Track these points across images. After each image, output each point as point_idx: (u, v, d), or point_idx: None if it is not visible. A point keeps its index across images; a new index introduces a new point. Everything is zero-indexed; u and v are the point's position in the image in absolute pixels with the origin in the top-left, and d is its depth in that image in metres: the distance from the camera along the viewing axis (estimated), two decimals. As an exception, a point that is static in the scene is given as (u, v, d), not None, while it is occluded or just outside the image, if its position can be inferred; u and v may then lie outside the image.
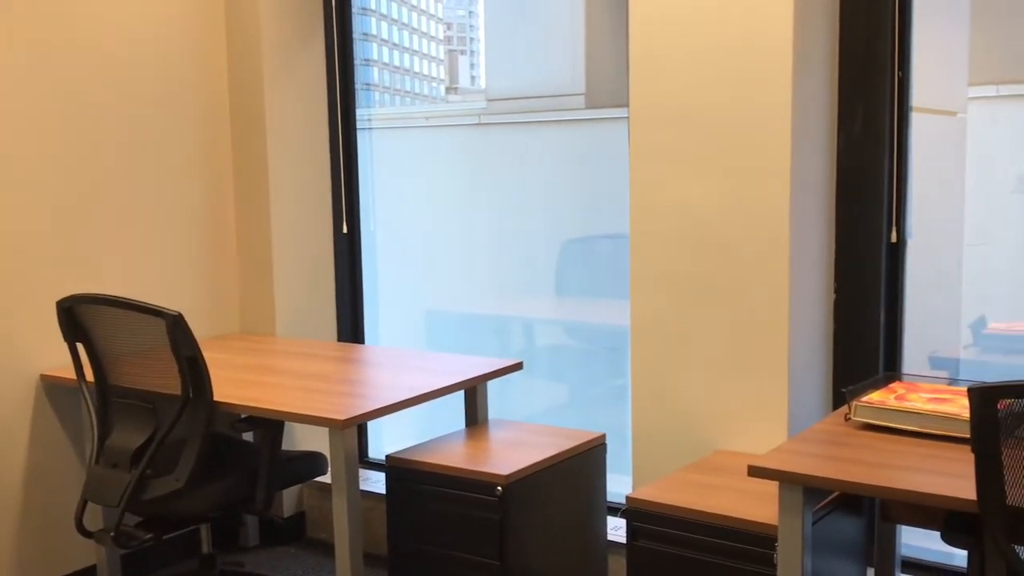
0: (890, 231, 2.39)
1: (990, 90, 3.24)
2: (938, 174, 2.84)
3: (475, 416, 2.75)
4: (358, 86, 3.63)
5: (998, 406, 1.52)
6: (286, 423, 2.48)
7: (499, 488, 2.31)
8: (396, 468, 2.48)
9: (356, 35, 3.64)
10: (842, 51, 2.39)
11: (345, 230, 3.49)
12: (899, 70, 2.34)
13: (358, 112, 3.57)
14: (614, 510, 2.71)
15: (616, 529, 2.69)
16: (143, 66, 3.05)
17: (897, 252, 2.41)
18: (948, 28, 2.85)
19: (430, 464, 2.42)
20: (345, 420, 2.25)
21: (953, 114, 2.88)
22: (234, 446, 2.71)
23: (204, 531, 3.04)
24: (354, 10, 3.52)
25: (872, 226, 2.40)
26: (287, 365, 2.81)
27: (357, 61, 3.69)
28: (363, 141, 3.63)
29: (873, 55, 2.35)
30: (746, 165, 2.34)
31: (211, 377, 2.32)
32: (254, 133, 3.28)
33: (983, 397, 1.51)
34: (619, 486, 2.78)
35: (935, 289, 2.83)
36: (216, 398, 2.37)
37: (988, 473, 1.54)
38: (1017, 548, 1.55)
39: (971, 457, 1.55)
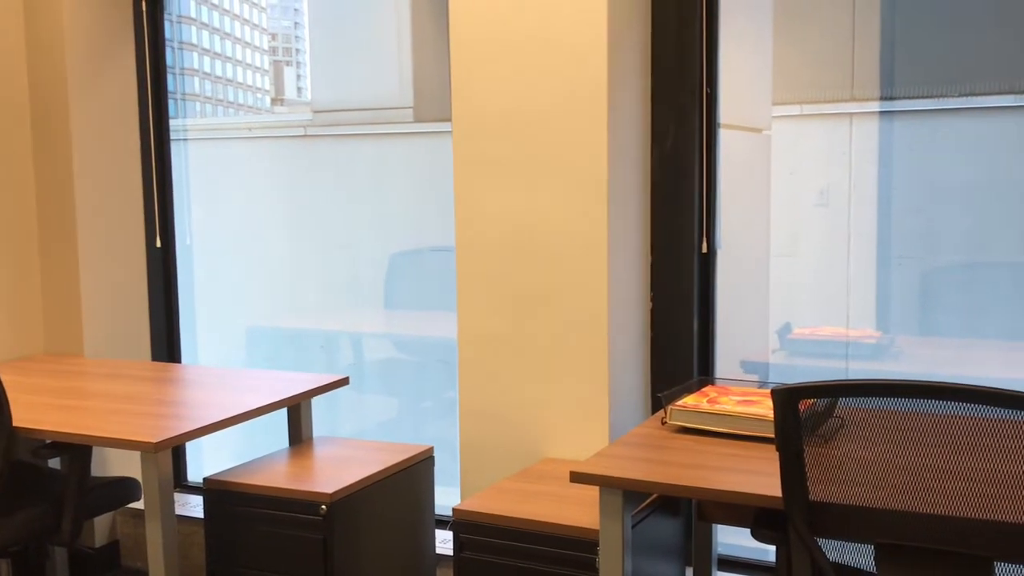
0: (701, 242, 2.49)
1: (796, 109, 3.45)
2: (746, 188, 2.99)
3: (299, 434, 2.68)
4: (178, 96, 3.49)
5: (799, 406, 1.60)
6: (95, 448, 2.34)
7: (323, 507, 2.25)
8: (214, 491, 2.38)
9: (176, 44, 3.50)
10: (654, 70, 2.48)
11: (159, 244, 3.34)
12: (707, 88, 2.45)
13: (175, 122, 3.43)
14: (445, 523, 2.70)
15: (445, 542, 2.68)
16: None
17: (708, 262, 2.52)
18: (753, 51, 3.01)
19: (251, 485, 2.34)
20: (158, 443, 2.14)
21: (759, 131, 3.05)
22: (37, 474, 2.54)
23: (5, 566, 2.83)
24: (173, 19, 3.39)
25: (684, 236, 2.50)
26: (96, 387, 2.66)
27: (176, 71, 3.55)
28: (179, 152, 3.49)
29: (683, 74, 2.45)
30: (565, 177, 2.39)
31: (10, 401, 2.17)
32: (58, 144, 3.09)
33: (784, 398, 1.59)
34: (451, 499, 2.77)
35: (745, 297, 2.98)
36: (16, 423, 2.21)
37: (791, 470, 1.61)
38: (820, 541, 1.64)
39: (777, 456, 1.63)
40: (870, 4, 3.25)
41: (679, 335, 2.53)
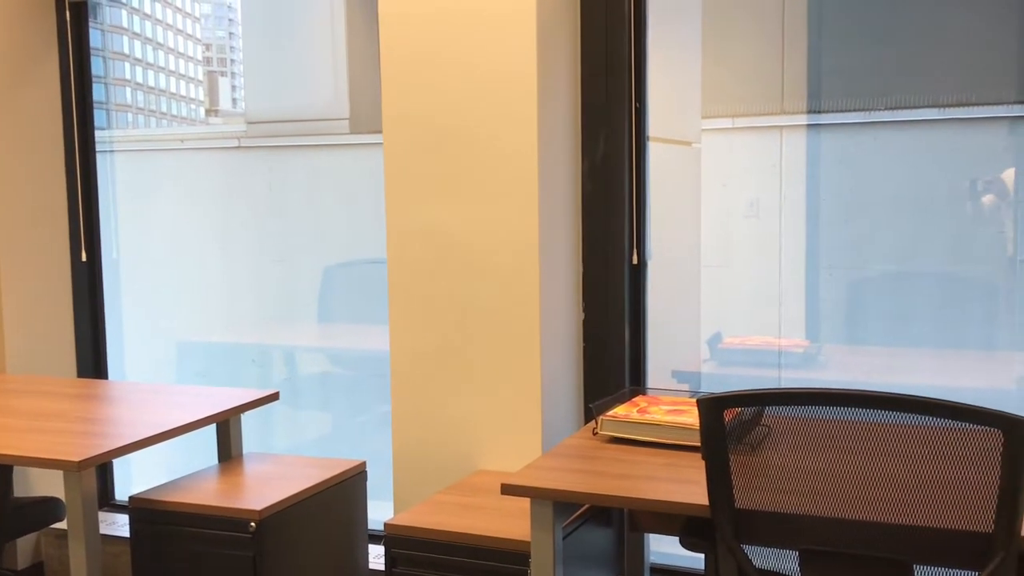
0: (632, 253, 2.51)
1: (727, 122, 3.50)
2: (676, 200, 3.02)
3: (228, 450, 2.64)
4: (109, 107, 3.43)
5: (724, 415, 1.61)
6: (16, 467, 2.27)
7: (253, 524, 2.22)
8: (140, 509, 2.33)
9: (106, 54, 3.44)
10: (583, 84, 2.50)
11: (84, 258, 3.27)
12: (636, 102, 2.47)
13: (104, 134, 3.37)
14: (379, 538, 2.67)
15: (378, 557, 2.65)
16: None
17: (639, 273, 2.54)
18: (682, 66, 3.05)
19: (177, 503, 2.29)
20: (81, 461, 2.09)
21: (689, 144, 3.08)
22: (-46, 497, 2.45)
23: (-79, 594, 2.73)
24: (104, 28, 3.33)
25: (615, 248, 2.52)
26: (17, 404, 2.58)
27: (108, 81, 3.48)
28: (107, 164, 3.42)
29: (611, 88, 2.48)
30: (497, 190, 2.40)
31: (-78, 421, 2.10)
32: (-22, 154, 3.01)
33: (709, 407, 1.60)
34: (388, 513, 2.75)
35: (676, 307, 3.01)
36: (-71, 444, 2.14)
37: (717, 478, 1.63)
38: (746, 548, 1.65)
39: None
40: (798, 18, 3.31)
41: (611, 346, 2.54)
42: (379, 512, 2.73)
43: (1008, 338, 3.04)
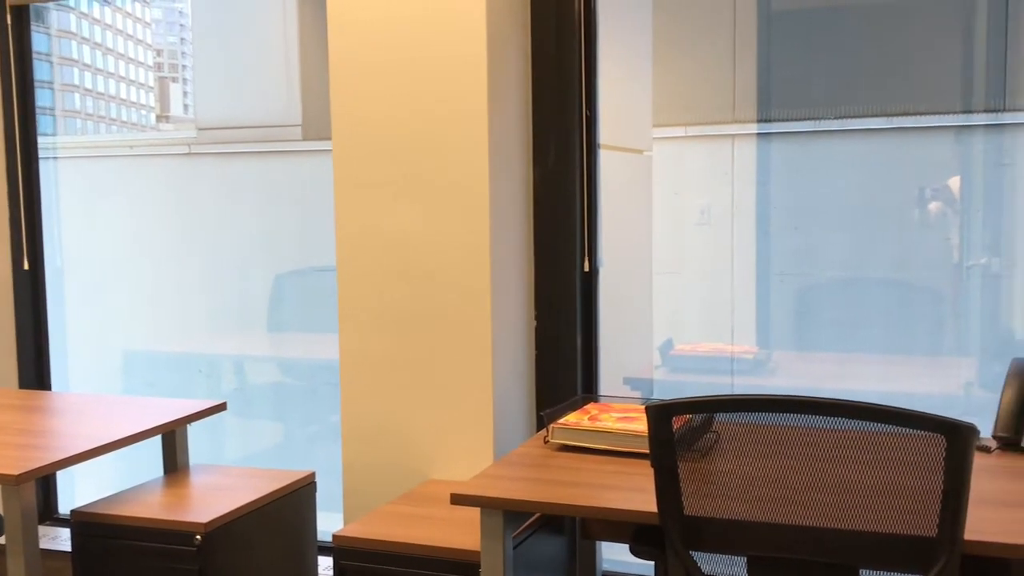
0: (583, 260, 2.51)
1: (680, 131, 3.53)
2: (628, 207, 3.03)
3: (174, 462, 2.59)
4: (57, 113, 3.36)
5: (673, 422, 1.61)
6: (-48, 482, 2.20)
7: (198, 537, 2.17)
8: (83, 523, 2.28)
9: (54, 59, 3.37)
10: (535, 92, 2.50)
11: (27, 266, 3.20)
12: (587, 111, 2.47)
13: (49, 140, 3.30)
14: (329, 550, 2.63)
15: (327, 569, 2.61)
16: None
17: (591, 280, 2.53)
18: (633, 75, 3.07)
19: (121, 516, 2.24)
20: (19, 475, 2.03)
21: (640, 152, 3.10)
22: None
23: None
24: (52, 33, 3.26)
25: (566, 255, 2.51)
26: (-45, 417, 2.51)
27: (56, 86, 3.42)
28: (51, 171, 3.36)
29: (562, 97, 2.48)
30: (447, 197, 2.38)
31: None
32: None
33: (657, 414, 1.60)
34: (339, 525, 2.72)
35: (629, 314, 3.01)
36: None
37: (666, 486, 1.62)
38: (696, 554, 1.65)
39: (654, 472, 1.64)
40: (748, 28, 3.34)
41: (563, 353, 2.54)
42: (330, 523, 2.69)
43: (954, 344, 3.09)
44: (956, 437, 1.43)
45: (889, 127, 3.23)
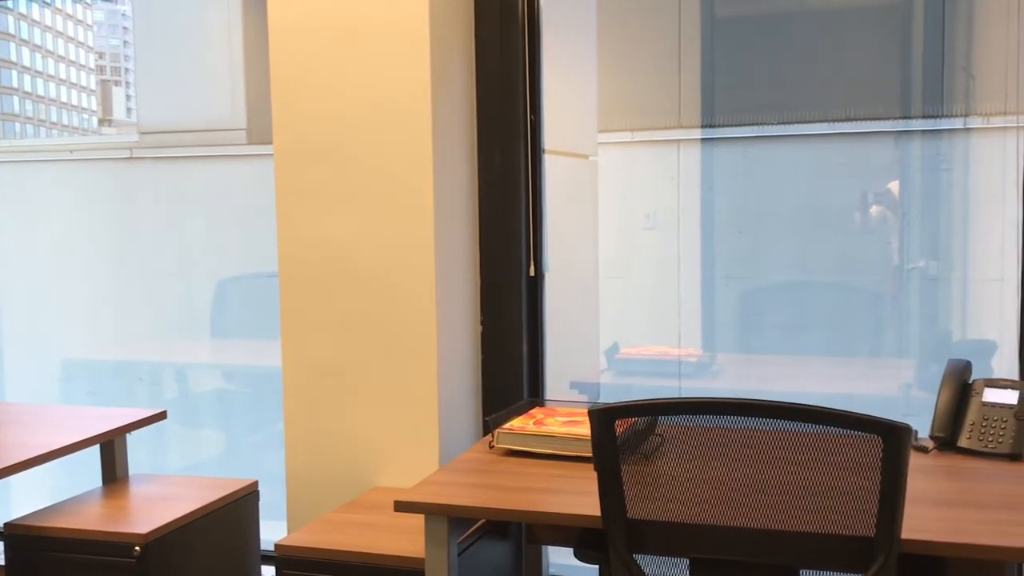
0: (529, 265, 2.51)
1: (627, 135, 3.54)
2: (574, 212, 3.04)
3: (113, 472, 2.54)
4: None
5: (616, 425, 1.61)
6: None
7: (137, 548, 2.13)
8: (16, 536, 2.22)
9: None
10: (479, 96, 2.49)
11: (-40, 273, 3.12)
12: (531, 115, 2.47)
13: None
14: (273, 559, 2.60)
15: (272, 579, 2.58)
16: None
17: (536, 284, 2.53)
18: (578, 81, 3.07)
19: (57, 528, 2.19)
20: (-51, 487, 1.98)
21: (585, 157, 3.11)
22: None
23: None
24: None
25: (512, 260, 2.51)
26: None
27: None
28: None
29: (506, 102, 2.47)
30: (391, 202, 2.37)
31: None
32: None
33: (600, 418, 1.60)
34: (281, 534, 2.68)
35: (576, 318, 3.02)
36: None
37: (609, 489, 1.62)
38: (639, 557, 1.65)
39: (599, 475, 1.64)
40: (693, 34, 3.37)
41: (509, 358, 2.53)
42: (274, 533, 2.65)
43: (895, 345, 3.14)
44: (892, 437, 1.45)
45: (831, 132, 3.28)
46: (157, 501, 2.35)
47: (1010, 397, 1.96)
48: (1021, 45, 2.12)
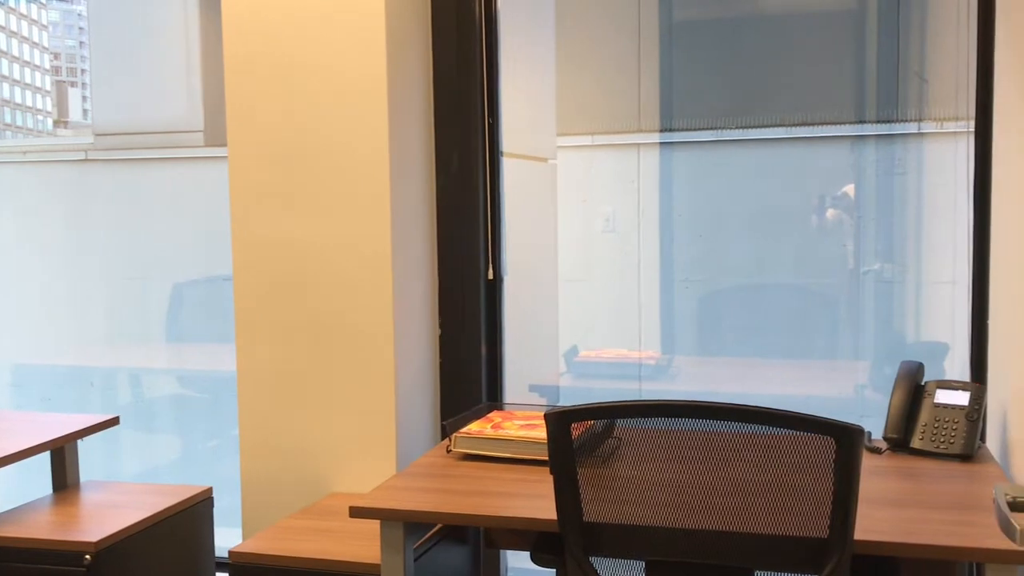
0: (487, 268, 2.50)
1: (587, 139, 3.55)
2: (533, 215, 3.04)
3: (64, 479, 2.49)
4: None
5: (572, 428, 1.61)
6: None
7: (88, 557, 2.09)
8: (-37, 546, 2.16)
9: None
10: (436, 98, 2.48)
11: (-94, 277, 3.05)
12: (489, 118, 2.47)
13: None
14: (228, 566, 2.57)
15: (227, 586, 2.54)
16: None
17: (495, 288, 2.53)
18: (537, 85, 3.08)
19: (5, 538, 2.14)
20: None
21: (544, 160, 3.11)
22: None
23: None
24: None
25: (471, 263, 2.50)
26: None
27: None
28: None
29: (464, 105, 2.47)
30: (348, 204, 2.35)
31: None
32: None
33: (556, 421, 1.60)
34: (237, 540, 2.65)
35: (535, 322, 3.02)
36: None
37: (565, 492, 1.62)
38: (595, 560, 1.65)
39: (556, 479, 1.63)
40: (652, 38, 3.39)
41: (467, 362, 2.52)
42: (231, 540, 2.62)
43: (850, 347, 3.18)
44: (845, 439, 1.46)
45: (788, 137, 3.31)
46: (108, 508, 2.31)
47: (961, 398, 1.99)
48: (972, 51, 2.15)
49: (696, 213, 3.42)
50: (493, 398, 2.55)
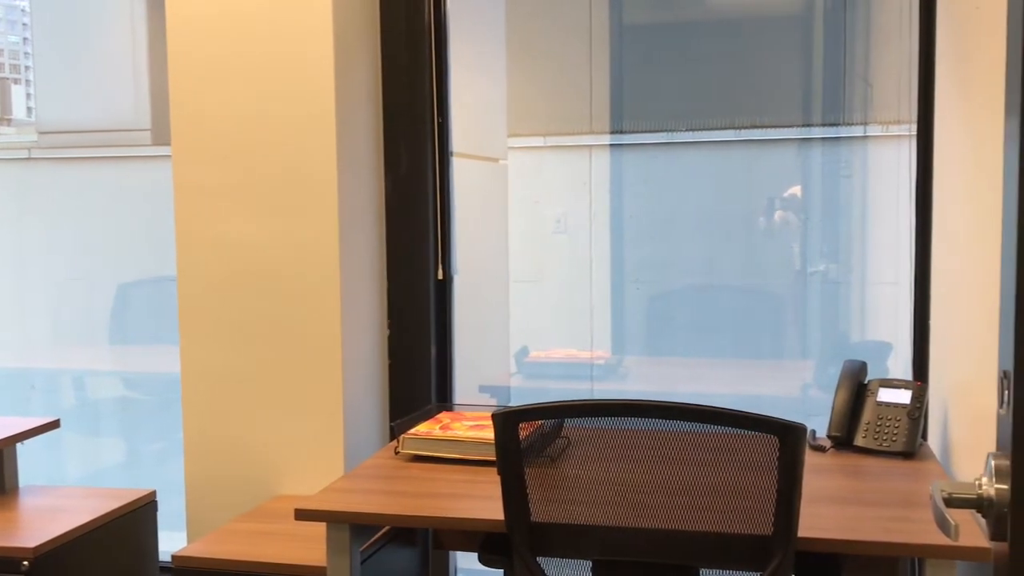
0: (437, 268, 2.49)
1: (539, 140, 3.56)
2: (485, 216, 3.03)
3: (2, 484, 2.43)
4: None
5: (519, 429, 1.61)
6: None
7: (25, 563, 2.04)
8: None
9: None
10: (385, 97, 2.46)
11: None
12: (439, 117, 2.45)
13: None
14: (172, 570, 2.53)
15: (171, 591, 2.51)
16: None
17: (445, 288, 2.52)
18: (488, 85, 3.07)
19: (-61, 545, 2.08)
20: None
21: (495, 161, 3.10)
22: None
23: None
24: None
25: (420, 263, 2.49)
26: None
27: None
28: None
29: (413, 104, 2.45)
30: (294, 204, 2.32)
31: None
32: None
33: (503, 421, 1.59)
34: (182, 544, 2.61)
35: (486, 322, 3.01)
36: None
37: (512, 492, 1.62)
38: (543, 561, 1.65)
39: (507, 479, 1.62)
40: (603, 40, 3.41)
41: (417, 362, 2.51)
42: (174, 544, 2.58)
43: (797, 347, 3.22)
44: (788, 437, 1.47)
45: (737, 139, 3.35)
46: (48, 513, 2.26)
47: (903, 397, 2.02)
48: (914, 56, 2.19)
49: (647, 214, 3.44)
50: (443, 399, 2.54)
